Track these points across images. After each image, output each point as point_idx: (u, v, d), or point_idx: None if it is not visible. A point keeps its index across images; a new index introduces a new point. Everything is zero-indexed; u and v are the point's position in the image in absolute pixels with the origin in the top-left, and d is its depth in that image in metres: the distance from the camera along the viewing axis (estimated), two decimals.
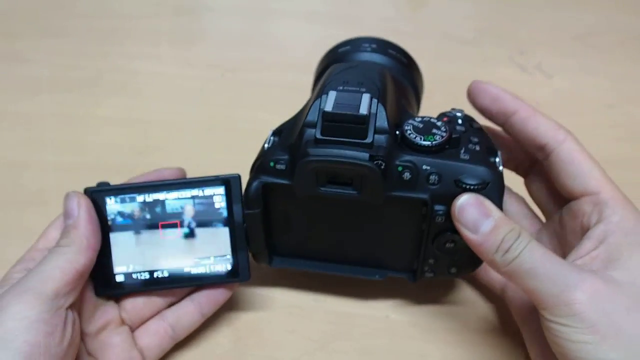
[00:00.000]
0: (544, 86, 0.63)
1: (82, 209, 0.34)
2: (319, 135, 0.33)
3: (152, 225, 0.36)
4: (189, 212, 0.36)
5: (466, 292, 0.42)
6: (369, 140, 0.33)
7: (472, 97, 0.38)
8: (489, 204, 0.32)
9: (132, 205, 0.36)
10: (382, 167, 0.33)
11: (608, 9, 0.76)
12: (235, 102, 0.60)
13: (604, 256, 0.31)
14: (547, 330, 0.30)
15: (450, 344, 0.40)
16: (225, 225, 0.37)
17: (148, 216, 0.36)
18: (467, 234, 0.32)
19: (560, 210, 0.37)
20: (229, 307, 0.41)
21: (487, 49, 0.69)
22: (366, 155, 0.33)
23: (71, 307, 0.32)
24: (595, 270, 0.30)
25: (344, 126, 0.33)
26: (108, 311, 0.37)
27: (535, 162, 0.40)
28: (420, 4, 0.78)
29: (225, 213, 0.36)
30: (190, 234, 0.37)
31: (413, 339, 0.41)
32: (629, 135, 0.58)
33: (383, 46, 0.44)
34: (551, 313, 0.29)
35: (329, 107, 0.33)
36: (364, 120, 0.32)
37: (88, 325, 0.35)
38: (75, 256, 0.33)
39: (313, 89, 0.46)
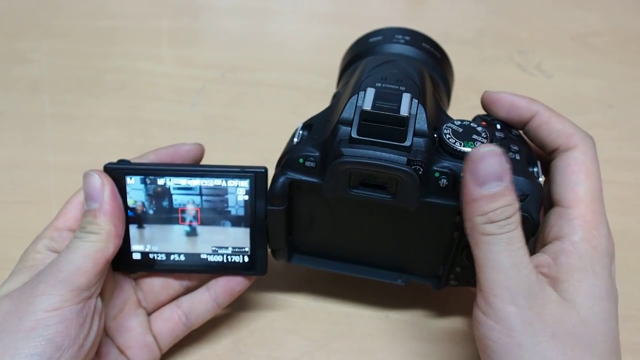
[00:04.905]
0: (544, 86, 0.63)
1: (107, 192, 0.33)
2: (354, 135, 0.31)
3: (172, 209, 0.36)
4: (210, 200, 0.35)
5: (466, 292, 0.42)
6: (407, 143, 0.31)
7: (486, 109, 0.37)
8: (507, 167, 0.29)
9: (152, 187, 0.35)
10: (420, 172, 0.31)
11: (608, 9, 0.76)
12: (235, 101, 0.60)
13: (554, 275, 0.30)
14: (474, 318, 0.30)
15: (451, 344, 0.40)
16: (246, 218, 0.36)
17: (168, 200, 0.35)
18: (469, 183, 0.30)
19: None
20: (229, 307, 0.41)
21: (487, 49, 0.68)
22: (404, 159, 0.31)
23: (99, 294, 0.33)
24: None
25: (383, 127, 0.31)
26: (126, 290, 0.37)
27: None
28: (420, 4, 0.78)
29: (247, 206, 0.35)
30: (210, 223, 0.36)
31: (413, 339, 0.41)
32: (629, 135, 0.58)
33: (417, 39, 0.42)
34: (484, 299, 0.29)
35: (367, 105, 0.31)
36: (405, 121, 0.31)
37: (107, 305, 0.35)
38: (105, 245, 0.32)
39: (339, 80, 0.44)
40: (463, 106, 0.38)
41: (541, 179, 0.33)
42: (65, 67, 0.63)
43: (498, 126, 0.35)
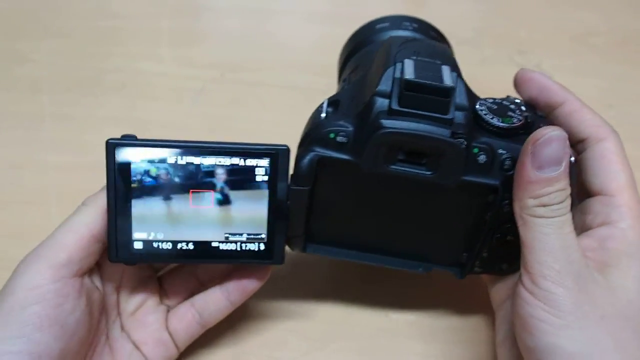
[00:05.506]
0: None
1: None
2: (394, 106, 0.30)
3: (181, 191, 0.32)
4: (224, 182, 0.33)
5: (466, 292, 0.42)
6: (450, 116, 0.30)
7: (518, 86, 0.37)
8: (568, 152, 0.30)
9: (160, 166, 0.32)
10: (463, 146, 0.30)
11: (608, 9, 0.76)
12: (235, 101, 0.60)
13: (600, 259, 0.30)
14: (518, 295, 0.30)
15: (451, 344, 0.40)
16: (263, 202, 0.33)
17: (177, 180, 0.32)
18: (527, 164, 0.29)
19: (578, 206, 0.36)
20: None
21: (487, 48, 0.69)
22: (448, 132, 0.30)
23: (89, 274, 0.32)
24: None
25: (425, 97, 0.29)
26: (149, 287, 0.37)
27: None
28: (420, 4, 0.78)
29: (265, 188, 0.32)
30: (223, 207, 0.33)
31: (413, 339, 0.41)
32: (629, 135, 0.57)
33: (425, 27, 0.41)
34: (532, 280, 0.29)
35: (409, 74, 0.30)
36: (449, 92, 0.30)
37: (127, 301, 0.36)
38: (92, 218, 0.31)
39: (344, 67, 0.43)
40: None
41: (572, 159, 0.32)
42: (65, 67, 0.63)
43: (523, 107, 0.34)
